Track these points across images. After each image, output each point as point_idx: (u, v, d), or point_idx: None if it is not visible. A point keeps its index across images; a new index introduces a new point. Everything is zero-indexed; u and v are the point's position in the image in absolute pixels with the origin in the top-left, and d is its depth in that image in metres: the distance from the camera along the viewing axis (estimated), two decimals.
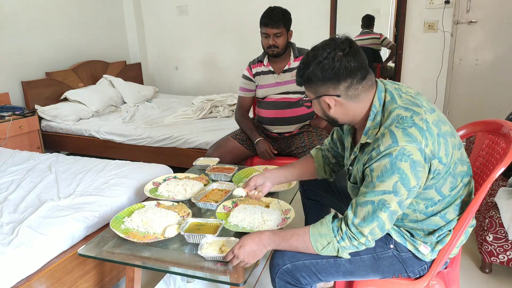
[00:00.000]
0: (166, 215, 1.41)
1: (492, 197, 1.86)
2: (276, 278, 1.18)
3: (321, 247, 1.12)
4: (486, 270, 1.87)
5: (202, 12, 4.38)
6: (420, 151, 1.01)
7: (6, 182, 2.03)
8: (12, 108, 3.16)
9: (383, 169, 1.02)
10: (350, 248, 1.11)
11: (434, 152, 1.04)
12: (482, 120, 1.37)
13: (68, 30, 3.88)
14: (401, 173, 1.01)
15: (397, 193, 1.03)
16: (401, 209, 1.07)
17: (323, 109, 1.16)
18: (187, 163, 2.68)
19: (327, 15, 3.83)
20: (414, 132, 1.02)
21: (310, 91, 1.15)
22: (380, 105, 1.10)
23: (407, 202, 1.07)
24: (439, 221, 1.15)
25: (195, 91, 4.68)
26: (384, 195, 1.04)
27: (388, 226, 1.08)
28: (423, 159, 1.02)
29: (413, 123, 1.03)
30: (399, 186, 1.02)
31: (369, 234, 1.08)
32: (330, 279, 1.20)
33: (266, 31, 2.13)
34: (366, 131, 1.12)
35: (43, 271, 1.42)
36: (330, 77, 1.07)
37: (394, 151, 1.01)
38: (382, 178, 1.03)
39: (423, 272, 1.20)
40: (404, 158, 1.01)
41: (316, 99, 1.14)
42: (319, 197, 1.62)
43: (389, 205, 1.04)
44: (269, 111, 2.28)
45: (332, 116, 1.16)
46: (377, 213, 1.05)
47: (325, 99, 1.11)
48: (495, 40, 3.42)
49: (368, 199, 1.06)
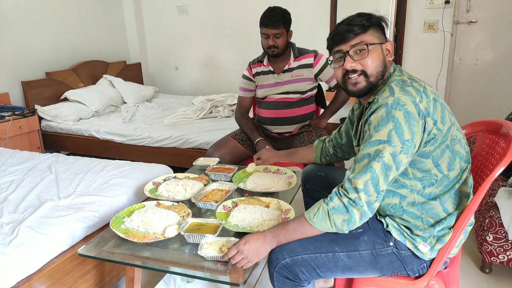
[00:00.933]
0: (166, 215, 1.41)
1: (492, 197, 1.86)
2: (274, 272, 1.18)
3: (312, 215, 1.13)
4: (486, 270, 1.87)
5: (202, 12, 4.38)
6: (414, 104, 1.06)
7: (6, 182, 2.03)
8: (12, 108, 3.17)
9: (379, 118, 1.07)
10: (340, 208, 1.09)
11: (429, 110, 1.09)
12: (482, 120, 1.37)
13: (68, 30, 3.88)
14: (395, 122, 1.05)
15: (391, 143, 1.05)
16: (395, 164, 1.07)
17: (383, 55, 1.18)
18: (187, 163, 2.68)
19: (327, 15, 3.83)
20: (410, 90, 1.09)
21: (374, 36, 1.17)
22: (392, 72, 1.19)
23: (401, 158, 1.06)
24: (438, 208, 1.15)
25: (195, 91, 4.68)
26: (379, 145, 1.06)
27: (383, 185, 1.07)
28: (417, 112, 1.06)
29: (411, 85, 1.11)
30: (393, 134, 1.05)
31: (362, 190, 1.06)
32: (329, 275, 1.20)
33: (265, 32, 2.12)
34: (377, 92, 1.17)
35: (43, 271, 1.42)
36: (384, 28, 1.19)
37: (390, 100, 1.07)
38: (378, 127, 1.07)
39: (423, 271, 1.20)
40: (399, 108, 1.06)
41: (379, 44, 1.18)
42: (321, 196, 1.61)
43: (382, 155, 1.06)
44: (269, 111, 2.28)
45: (387, 66, 1.19)
46: (371, 163, 1.07)
47: (388, 44, 1.19)
48: (495, 40, 3.42)
49: (365, 152, 1.09)
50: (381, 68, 1.17)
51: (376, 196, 1.08)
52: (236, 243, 1.16)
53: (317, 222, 1.12)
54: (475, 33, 3.46)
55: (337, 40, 1.20)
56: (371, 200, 1.08)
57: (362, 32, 1.16)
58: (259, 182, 1.70)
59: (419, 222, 1.17)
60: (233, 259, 1.15)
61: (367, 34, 1.17)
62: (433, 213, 1.16)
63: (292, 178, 1.74)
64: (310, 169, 1.65)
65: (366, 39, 1.16)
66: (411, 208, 1.17)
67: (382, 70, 1.18)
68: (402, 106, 1.05)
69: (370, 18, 1.18)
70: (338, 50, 1.20)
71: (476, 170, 1.33)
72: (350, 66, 1.17)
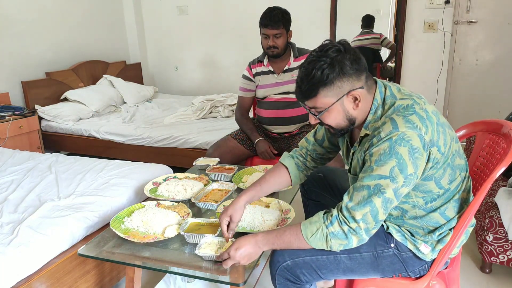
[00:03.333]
0: (166, 215, 1.41)
1: (492, 197, 1.86)
2: (276, 275, 1.18)
3: (310, 234, 1.10)
4: (486, 270, 1.87)
5: (202, 12, 4.38)
6: (420, 138, 1.02)
7: (6, 182, 2.03)
8: (12, 108, 3.16)
9: (382, 153, 1.03)
10: (339, 235, 1.07)
11: (433, 140, 1.05)
12: (482, 120, 1.37)
13: (68, 30, 3.88)
14: (399, 158, 1.02)
15: (394, 179, 1.02)
16: (396, 198, 1.05)
17: (346, 110, 1.09)
18: (187, 163, 2.68)
19: (327, 15, 3.83)
20: (414, 119, 1.03)
21: (329, 95, 1.07)
22: (381, 99, 1.12)
23: (402, 191, 1.05)
24: (438, 218, 1.15)
25: (195, 91, 4.68)
26: (381, 180, 1.03)
27: (382, 216, 1.06)
28: (422, 146, 1.03)
29: (413, 111, 1.05)
30: (396, 171, 1.02)
31: (361, 220, 1.05)
32: (330, 277, 1.20)
33: (265, 32, 2.12)
34: (367, 124, 1.12)
35: (43, 271, 1.42)
36: (355, 68, 1.05)
37: (394, 135, 1.02)
38: (380, 162, 1.03)
39: (424, 272, 1.20)
40: (403, 143, 1.01)
41: (338, 101, 1.08)
42: (320, 197, 1.62)
43: (384, 191, 1.03)
44: (269, 111, 2.28)
45: (354, 117, 1.11)
46: (371, 198, 1.04)
47: (353, 94, 1.07)
48: (495, 40, 3.41)
49: (365, 184, 1.05)
50: (344, 123, 1.12)
51: (375, 225, 1.07)
52: (228, 248, 1.15)
53: (313, 242, 1.10)
54: (475, 33, 3.46)
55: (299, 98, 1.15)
56: (369, 228, 1.07)
57: (312, 97, 1.09)
58: None
59: (420, 230, 1.18)
60: (225, 264, 1.14)
61: (318, 97, 1.08)
62: (433, 222, 1.16)
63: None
64: None
65: (317, 104, 1.09)
66: (412, 221, 1.17)
67: (347, 125, 1.12)
68: (407, 141, 1.01)
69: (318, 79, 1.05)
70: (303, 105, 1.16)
71: (476, 170, 1.33)
72: (314, 122, 1.16)
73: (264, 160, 2.24)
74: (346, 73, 1.05)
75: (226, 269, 1.17)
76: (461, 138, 1.40)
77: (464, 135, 1.41)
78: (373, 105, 1.11)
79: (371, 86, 1.11)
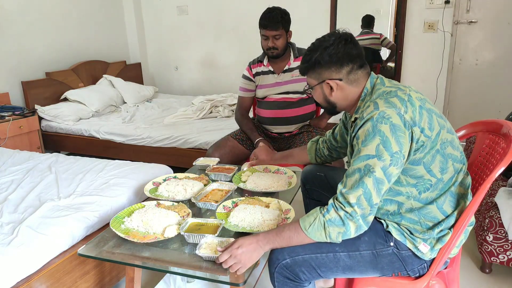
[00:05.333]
0: (166, 215, 1.41)
1: (492, 197, 1.86)
2: (275, 273, 1.18)
3: (308, 225, 1.12)
4: (486, 270, 1.87)
5: (202, 12, 4.38)
6: (399, 116, 1.07)
7: (6, 182, 2.03)
8: (12, 108, 3.17)
9: (366, 133, 1.08)
10: (336, 221, 1.09)
11: (415, 120, 1.09)
12: (482, 120, 1.37)
13: (68, 30, 3.88)
14: (382, 135, 1.06)
15: (380, 157, 1.06)
16: (386, 178, 1.07)
17: (324, 94, 1.24)
18: (187, 163, 2.68)
19: (327, 15, 3.83)
20: (394, 100, 1.10)
21: (313, 77, 1.24)
22: (371, 87, 1.21)
23: (391, 170, 1.07)
24: (436, 213, 1.15)
25: (195, 91, 4.68)
26: (368, 160, 1.07)
27: (376, 199, 1.08)
28: (403, 124, 1.07)
29: (395, 94, 1.13)
30: (381, 149, 1.06)
31: (356, 204, 1.07)
32: (330, 275, 1.20)
33: (265, 33, 2.12)
34: (357, 110, 1.20)
35: (43, 271, 1.42)
36: (334, 61, 1.18)
37: (375, 114, 1.08)
38: (366, 142, 1.08)
39: (423, 271, 1.20)
40: (384, 121, 1.07)
41: (318, 85, 1.24)
42: (321, 197, 1.62)
43: (373, 170, 1.06)
44: (269, 111, 2.28)
45: (332, 101, 1.25)
46: (363, 179, 1.07)
47: (328, 83, 1.21)
48: (495, 40, 3.42)
49: (355, 167, 1.09)
50: (325, 104, 1.28)
51: (370, 210, 1.09)
52: (228, 247, 1.15)
53: (312, 232, 1.12)
54: (475, 33, 3.46)
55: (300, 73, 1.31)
56: (365, 213, 1.09)
57: (304, 75, 1.28)
58: (259, 182, 1.70)
59: (418, 226, 1.17)
60: (226, 263, 1.13)
61: (307, 76, 1.27)
62: (431, 217, 1.16)
63: (292, 178, 1.74)
64: (310, 169, 1.65)
65: (307, 81, 1.28)
66: (409, 214, 1.17)
67: (328, 106, 1.28)
68: (387, 119, 1.06)
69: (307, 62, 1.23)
70: None
71: (476, 170, 1.33)
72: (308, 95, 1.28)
73: None
74: (325, 65, 1.19)
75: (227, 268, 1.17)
76: (461, 138, 1.40)
77: (464, 135, 1.41)
78: (363, 93, 1.21)
79: (356, 80, 1.21)
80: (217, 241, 1.25)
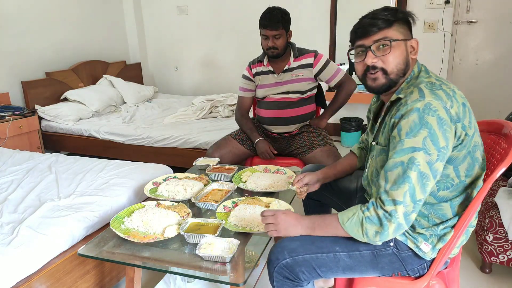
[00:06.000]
0: (166, 215, 1.41)
1: (492, 197, 1.86)
2: (274, 272, 1.18)
3: (346, 219, 1.11)
4: (486, 270, 1.87)
5: (202, 12, 4.38)
6: (445, 110, 1.03)
7: (6, 182, 2.03)
8: (12, 108, 3.17)
9: (412, 124, 1.02)
10: (374, 219, 1.06)
11: (459, 116, 1.05)
12: (483, 120, 1.37)
13: (68, 30, 3.88)
14: (429, 128, 1.01)
15: (427, 151, 1.01)
16: (432, 173, 1.03)
17: (406, 52, 1.14)
18: (187, 163, 2.68)
19: (327, 15, 3.83)
20: (440, 93, 1.05)
21: (399, 32, 1.13)
22: (417, 72, 1.16)
23: (437, 166, 1.03)
24: (447, 211, 1.14)
25: (195, 91, 4.68)
26: (414, 153, 1.02)
27: (419, 195, 1.03)
28: (449, 118, 1.03)
29: (440, 87, 1.07)
30: (429, 142, 1.01)
31: (401, 203, 1.02)
32: (330, 275, 1.20)
33: (265, 33, 2.12)
34: (399, 91, 1.14)
35: (43, 271, 1.42)
36: (411, 24, 1.16)
37: (421, 105, 1.02)
38: (411, 134, 1.02)
39: (423, 271, 1.20)
40: (431, 113, 1.01)
41: (403, 41, 1.13)
42: (320, 197, 1.62)
43: (418, 164, 1.01)
44: (269, 111, 2.28)
45: (408, 66, 1.15)
46: (407, 173, 1.02)
47: (413, 41, 1.15)
48: (495, 40, 3.42)
49: (397, 160, 1.04)
50: (402, 65, 1.14)
51: (413, 207, 1.04)
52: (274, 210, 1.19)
53: (349, 227, 1.10)
54: (475, 33, 3.46)
55: (360, 34, 1.16)
56: (407, 211, 1.04)
57: (386, 27, 1.12)
58: (259, 182, 1.70)
59: (424, 220, 1.16)
60: (265, 219, 1.17)
61: (391, 29, 1.12)
62: (441, 214, 1.15)
63: (292, 178, 1.74)
64: (309, 169, 1.65)
65: (390, 34, 1.12)
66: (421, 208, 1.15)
67: (404, 68, 1.14)
68: (434, 111, 1.01)
69: (396, 12, 1.13)
70: (360, 44, 1.16)
71: None
72: (371, 62, 1.14)
73: (264, 160, 2.24)
74: (410, 24, 1.16)
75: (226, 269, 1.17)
76: None
77: None
78: (410, 75, 1.16)
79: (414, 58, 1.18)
80: (217, 241, 1.25)
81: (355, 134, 3.83)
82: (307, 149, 2.17)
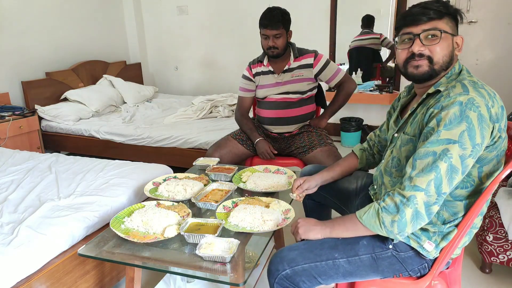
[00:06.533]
0: (166, 215, 1.41)
1: (492, 197, 1.86)
2: (275, 284, 1.18)
3: (363, 213, 1.11)
4: (486, 270, 1.87)
5: (202, 12, 4.38)
6: (487, 108, 1.02)
7: (6, 182, 2.03)
8: (12, 108, 3.17)
9: (452, 116, 1.01)
10: (390, 208, 1.05)
11: (498, 116, 1.05)
12: None
13: (68, 30, 3.88)
14: (469, 123, 1.00)
15: (462, 144, 1.00)
16: (462, 168, 1.01)
17: (451, 47, 1.13)
18: (187, 163, 2.68)
19: (327, 15, 3.83)
20: (483, 92, 1.05)
21: (448, 25, 1.13)
22: (459, 70, 1.15)
23: (469, 162, 1.02)
24: (459, 209, 1.13)
25: (195, 91, 4.68)
26: (449, 145, 1.01)
27: (445, 188, 1.02)
28: (489, 117, 1.02)
29: (483, 87, 1.07)
30: (465, 136, 1.00)
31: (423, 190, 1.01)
32: (331, 282, 1.20)
33: (265, 33, 2.12)
34: (438, 84, 1.13)
35: (43, 271, 1.42)
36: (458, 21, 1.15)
37: (464, 99, 1.01)
38: (450, 126, 1.01)
39: (424, 270, 1.20)
40: (473, 108, 1.00)
41: (451, 35, 1.13)
42: (320, 198, 1.62)
43: (451, 156, 1.00)
44: (269, 111, 2.28)
45: (452, 59, 1.15)
46: (437, 163, 1.01)
47: (459, 38, 1.15)
48: (495, 40, 3.42)
49: (430, 150, 1.03)
50: (448, 58, 1.13)
51: (436, 198, 1.02)
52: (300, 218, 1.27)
53: (366, 220, 1.10)
54: (475, 33, 3.46)
55: (409, 22, 1.15)
56: (430, 201, 1.02)
57: (437, 18, 1.12)
58: (259, 182, 1.70)
59: (434, 217, 1.14)
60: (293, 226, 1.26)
61: (441, 21, 1.12)
62: (453, 211, 1.14)
63: (292, 178, 1.74)
64: (309, 170, 1.64)
65: (440, 25, 1.11)
66: None
67: (448, 61, 1.13)
68: (476, 107, 1.00)
69: (447, 6, 1.13)
70: (408, 32, 1.15)
71: None
72: (418, 50, 1.13)
73: (264, 160, 2.24)
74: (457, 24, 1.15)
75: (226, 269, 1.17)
76: None
77: None
78: (451, 70, 1.15)
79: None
80: (217, 241, 1.25)
81: (355, 134, 3.83)
82: (307, 149, 2.17)
